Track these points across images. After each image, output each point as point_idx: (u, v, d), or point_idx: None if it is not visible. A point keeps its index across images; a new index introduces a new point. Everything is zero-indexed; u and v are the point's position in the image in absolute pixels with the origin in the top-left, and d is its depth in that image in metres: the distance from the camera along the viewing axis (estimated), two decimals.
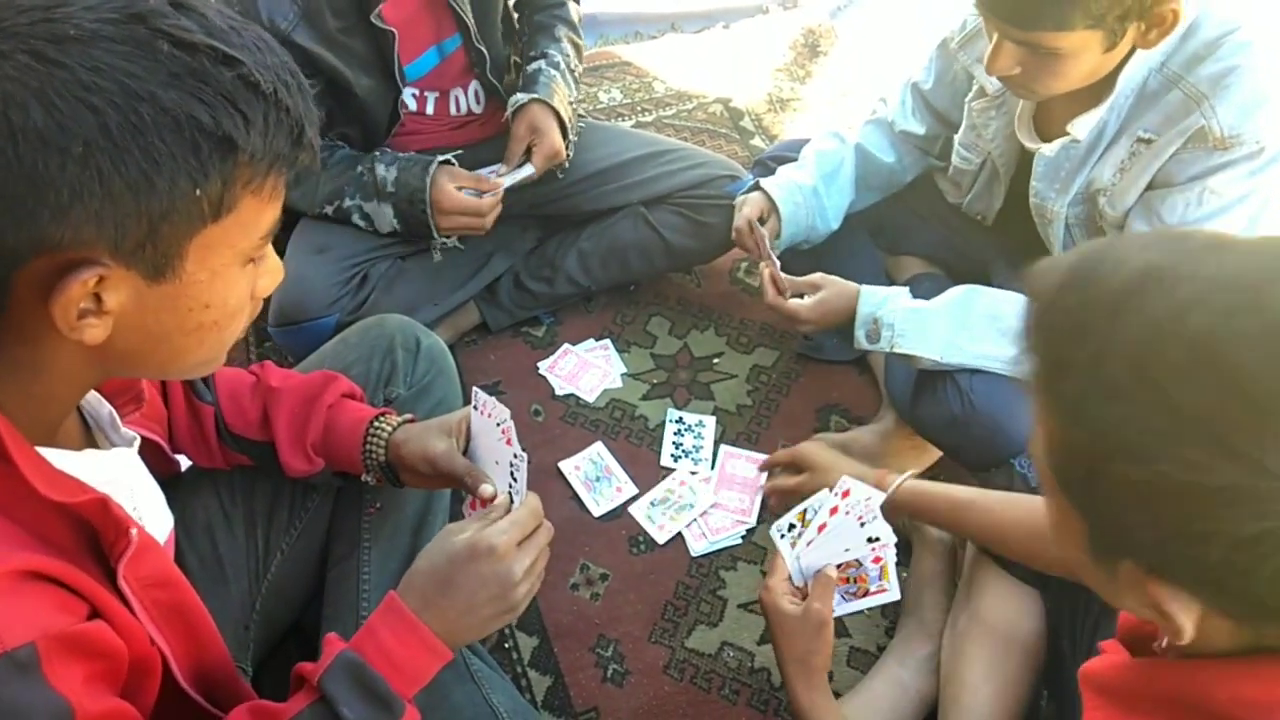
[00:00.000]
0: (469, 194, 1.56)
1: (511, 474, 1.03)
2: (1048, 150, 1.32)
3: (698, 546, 1.51)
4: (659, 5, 2.60)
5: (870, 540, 1.15)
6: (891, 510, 1.20)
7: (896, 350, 1.38)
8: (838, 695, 1.25)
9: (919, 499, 1.22)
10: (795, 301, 1.46)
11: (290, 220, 1.74)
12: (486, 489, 1.03)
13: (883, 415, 1.64)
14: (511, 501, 1.01)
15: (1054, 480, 0.61)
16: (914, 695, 1.26)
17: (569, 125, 1.65)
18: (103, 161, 0.60)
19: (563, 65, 1.68)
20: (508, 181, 1.59)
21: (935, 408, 1.41)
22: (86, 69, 0.59)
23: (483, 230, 1.59)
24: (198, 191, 0.64)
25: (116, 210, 0.62)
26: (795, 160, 1.66)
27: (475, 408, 1.07)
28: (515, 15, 1.77)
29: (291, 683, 0.92)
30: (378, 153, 1.60)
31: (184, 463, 1.14)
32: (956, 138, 1.53)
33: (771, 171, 1.68)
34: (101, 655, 0.70)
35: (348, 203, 1.59)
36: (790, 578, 1.15)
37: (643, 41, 2.53)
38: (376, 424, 1.10)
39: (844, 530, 1.14)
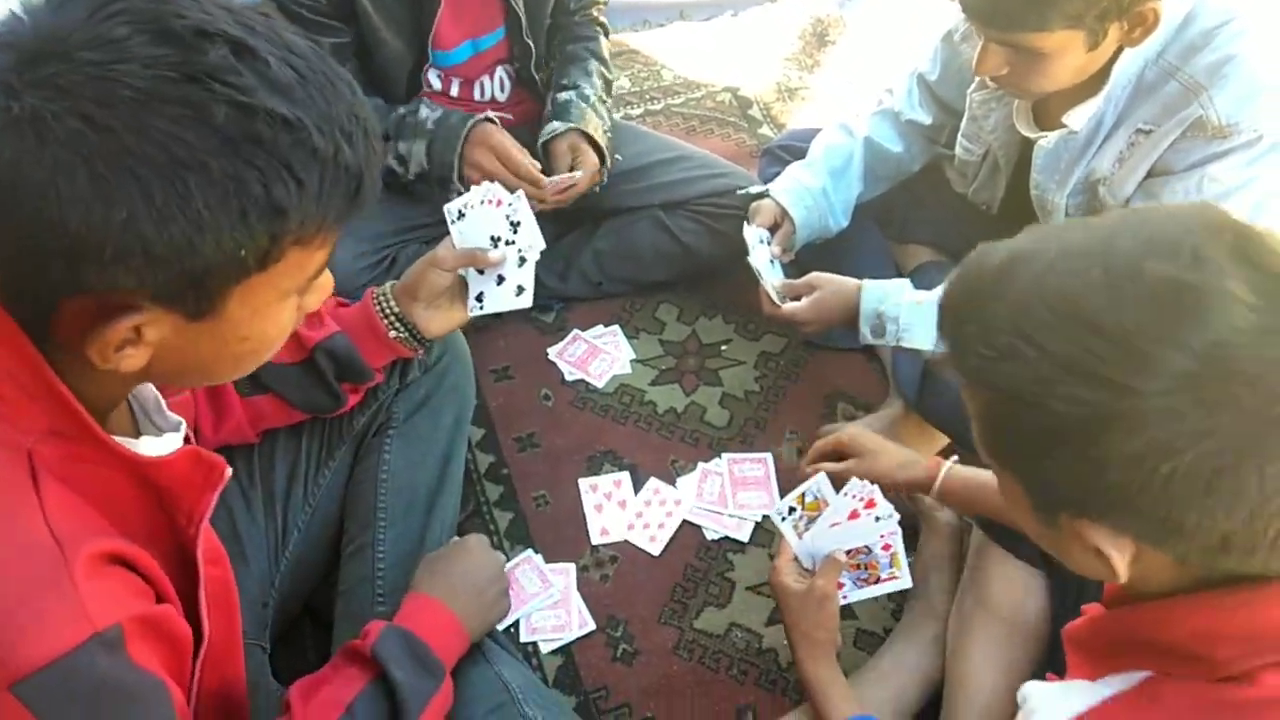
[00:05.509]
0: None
1: (510, 224, 1.22)
2: (1046, 143, 1.33)
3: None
4: None
5: (877, 520, 1.18)
6: (944, 499, 1.23)
7: (902, 344, 1.39)
8: (845, 675, 1.28)
9: (968, 485, 1.19)
10: (791, 305, 1.47)
11: None
12: (494, 254, 1.20)
13: (891, 402, 1.64)
14: (515, 248, 1.22)
15: (989, 452, 0.69)
16: (920, 675, 1.28)
17: (606, 152, 1.65)
18: (146, 228, 0.59)
19: (593, 98, 1.68)
20: (550, 180, 1.54)
21: (942, 396, 1.43)
22: (134, 134, 0.58)
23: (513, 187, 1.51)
24: (242, 252, 0.63)
25: (157, 269, 0.61)
26: (804, 149, 1.67)
27: (454, 218, 1.21)
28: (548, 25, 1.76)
29: (339, 658, 1.01)
30: (424, 99, 1.59)
31: None
32: (960, 128, 1.53)
33: (781, 161, 1.69)
34: (171, 641, 0.72)
35: None
36: (797, 558, 1.18)
37: (651, 30, 2.54)
38: (376, 292, 1.20)
39: (857, 525, 1.17)
